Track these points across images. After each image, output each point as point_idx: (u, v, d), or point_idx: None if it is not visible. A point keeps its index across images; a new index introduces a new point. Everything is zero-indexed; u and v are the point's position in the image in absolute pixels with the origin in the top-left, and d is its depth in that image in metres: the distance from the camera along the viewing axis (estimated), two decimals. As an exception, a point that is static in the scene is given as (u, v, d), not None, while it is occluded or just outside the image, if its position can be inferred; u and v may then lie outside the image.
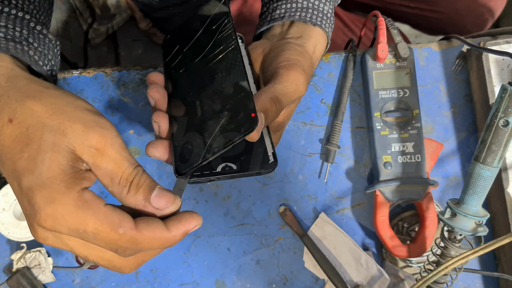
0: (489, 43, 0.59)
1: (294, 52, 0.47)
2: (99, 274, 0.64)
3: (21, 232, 0.60)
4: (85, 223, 0.34)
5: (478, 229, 0.52)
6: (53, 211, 0.33)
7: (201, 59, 0.47)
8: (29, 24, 0.48)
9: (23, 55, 0.45)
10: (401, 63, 0.61)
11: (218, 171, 0.43)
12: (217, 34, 0.47)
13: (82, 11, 1.20)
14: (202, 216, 0.64)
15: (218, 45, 0.46)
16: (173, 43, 0.51)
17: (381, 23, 0.60)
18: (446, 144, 0.63)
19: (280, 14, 0.53)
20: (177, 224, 0.37)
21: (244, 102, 0.41)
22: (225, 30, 0.47)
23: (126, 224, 0.34)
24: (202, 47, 0.48)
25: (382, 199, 0.60)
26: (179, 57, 0.49)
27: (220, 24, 0.48)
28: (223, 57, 0.45)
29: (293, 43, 0.50)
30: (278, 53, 0.47)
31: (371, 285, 0.61)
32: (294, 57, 0.46)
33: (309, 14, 0.52)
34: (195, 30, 0.50)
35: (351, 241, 0.62)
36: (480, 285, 0.63)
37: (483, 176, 0.51)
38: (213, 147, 0.40)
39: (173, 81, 0.47)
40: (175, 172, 0.41)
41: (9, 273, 0.64)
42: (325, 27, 0.53)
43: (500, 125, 0.49)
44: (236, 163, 0.44)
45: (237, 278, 0.64)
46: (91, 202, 0.34)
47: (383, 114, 0.60)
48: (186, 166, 0.40)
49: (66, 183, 0.34)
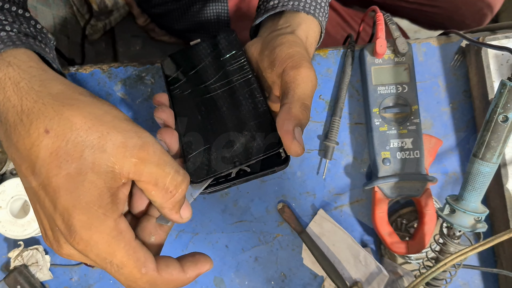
0: (488, 38, 0.59)
1: (289, 44, 0.46)
2: (96, 272, 0.64)
3: (18, 230, 0.60)
4: (114, 255, 0.34)
5: (477, 225, 0.51)
6: (88, 237, 0.33)
7: (213, 81, 0.49)
8: (30, 21, 0.46)
9: (44, 52, 0.43)
10: (399, 59, 0.61)
11: (233, 177, 0.44)
12: (231, 63, 0.50)
13: (80, 7, 1.19)
14: (200, 213, 0.64)
15: (233, 72, 0.49)
16: (178, 64, 0.52)
17: (380, 18, 0.60)
18: (445, 140, 0.63)
19: (273, 5, 0.53)
20: (193, 267, 0.38)
21: (264, 117, 0.44)
22: (238, 59, 0.50)
23: (150, 264, 0.35)
24: (213, 71, 0.50)
25: (381, 196, 0.60)
26: (187, 78, 0.50)
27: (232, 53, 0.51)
28: (240, 84, 0.48)
29: (284, 33, 0.49)
30: (273, 49, 0.46)
31: (370, 281, 0.61)
32: (293, 50, 0.45)
33: (302, 2, 0.52)
34: (204, 55, 0.52)
35: (349, 237, 0.62)
36: (479, 281, 0.63)
37: (482, 172, 0.50)
38: (234, 160, 0.42)
39: (183, 99, 0.48)
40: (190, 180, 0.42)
41: (6, 271, 0.63)
42: (318, 15, 0.52)
43: (499, 120, 0.48)
44: (249, 165, 0.44)
45: (235, 275, 0.64)
46: (124, 234, 0.35)
47: (381, 110, 0.60)
48: (202, 175, 0.42)
49: (104, 209, 0.34)
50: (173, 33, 1.17)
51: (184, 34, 1.13)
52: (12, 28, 0.41)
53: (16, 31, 0.41)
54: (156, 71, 0.64)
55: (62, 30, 1.14)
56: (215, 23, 1.02)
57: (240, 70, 0.49)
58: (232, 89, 0.47)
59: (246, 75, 0.48)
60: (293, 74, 0.43)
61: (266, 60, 0.47)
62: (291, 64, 0.44)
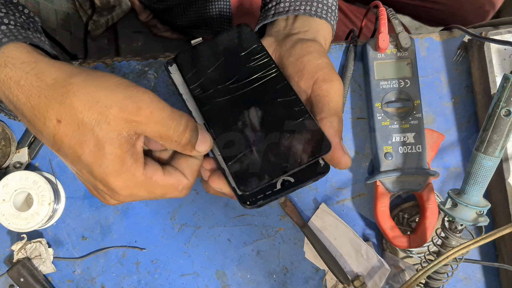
0: (491, 33, 0.59)
1: (318, 54, 0.47)
2: (99, 265, 0.64)
3: (21, 223, 0.60)
4: (154, 193, 0.41)
5: (479, 219, 0.52)
6: (129, 193, 0.40)
7: (238, 79, 0.46)
8: (18, 7, 0.47)
9: (40, 42, 0.45)
10: (402, 53, 0.61)
11: (279, 188, 0.43)
12: (253, 59, 0.47)
13: (82, 3, 1.19)
14: (202, 207, 0.64)
15: (258, 69, 0.46)
16: (193, 61, 0.49)
17: (382, 13, 0.60)
18: (447, 135, 0.63)
19: (284, 8, 0.53)
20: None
21: (304, 117, 0.42)
22: (260, 54, 0.47)
23: (183, 181, 0.42)
24: (235, 67, 0.47)
25: (383, 190, 0.60)
26: (208, 77, 0.47)
27: (251, 48, 0.48)
28: (269, 81, 0.46)
29: (306, 40, 0.49)
30: (300, 57, 0.47)
31: (372, 275, 0.61)
32: (323, 61, 0.46)
33: (314, 7, 0.52)
34: (223, 52, 0.49)
35: (351, 231, 0.62)
36: (480, 275, 0.63)
37: (484, 166, 0.51)
38: (284, 165, 0.41)
39: (210, 100, 0.46)
40: (241, 202, 0.42)
41: (9, 264, 0.64)
42: (330, 19, 0.53)
43: (502, 114, 0.49)
44: (292, 176, 0.43)
45: (238, 268, 0.64)
46: (155, 177, 0.41)
47: (384, 104, 0.60)
48: (250, 187, 0.40)
49: (131, 169, 0.39)
50: (176, 29, 1.17)
51: (186, 30, 1.13)
52: (9, 21, 0.43)
53: (13, 24, 0.43)
54: (159, 66, 0.64)
55: (64, 25, 1.14)
56: (217, 19, 1.02)
57: (265, 66, 0.46)
58: (262, 87, 0.45)
59: (272, 72, 0.46)
60: (326, 87, 0.45)
61: (291, 67, 0.48)
62: (322, 77, 0.45)
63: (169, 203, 0.64)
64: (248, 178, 0.41)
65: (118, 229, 0.64)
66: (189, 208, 0.64)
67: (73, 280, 0.64)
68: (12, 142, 0.62)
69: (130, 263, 0.64)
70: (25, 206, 0.62)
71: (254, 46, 0.48)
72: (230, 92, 0.45)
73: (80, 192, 0.64)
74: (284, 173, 0.40)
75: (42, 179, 0.60)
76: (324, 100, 0.44)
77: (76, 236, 0.64)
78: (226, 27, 1.02)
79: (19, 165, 0.63)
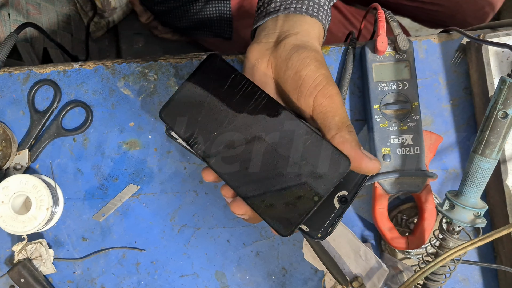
0: (489, 36, 0.59)
1: (315, 67, 0.47)
2: (99, 266, 0.64)
3: (19, 226, 0.60)
4: None
5: (477, 220, 0.52)
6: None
7: (232, 117, 0.45)
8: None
9: None
10: (400, 56, 0.61)
11: (339, 207, 0.44)
12: (237, 91, 0.46)
13: (83, 5, 1.20)
14: (202, 208, 0.64)
15: (247, 100, 0.45)
16: (180, 113, 0.47)
17: (381, 15, 0.60)
18: (445, 137, 0.63)
19: (275, 8, 0.52)
20: None
21: (319, 144, 0.42)
22: (241, 83, 0.46)
23: None
24: (226, 108, 0.46)
25: (381, 191, 0.60)
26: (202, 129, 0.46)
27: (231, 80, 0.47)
28: (263, 109, 0.45)
29: (303, 49, 0.48)
30: (298, 72, 0.47)
31: (370, 276, 0.61)
32: (320, 74, 0.46)
33: (305, 5, 0.51)
34: (204, 95, 0.47)
35: (350, 233, 0.62)
36: (478, 276, 0.63)
37: (481, 168, 0.51)
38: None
39: (213, 151, 0.45)
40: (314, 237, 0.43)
41: (10, 264, 0.64)
42: (322, 18, 0.52)
43: (499, 116, 0.49)
44: (344, 190, 0.44)
45: (237, 269, 0.64)
46: None
47: (382, 106, 0.61)
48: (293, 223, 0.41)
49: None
50: (176, 31, 1.17)
51: (187, 32, 1.13)
52: None
53: None
54: (159, 67, 0.65)
55: (65, 27, 1.15)
56: (217, 21, 1.02)
57: (251, 94, 0.45)
58: (260, 119, 0.44)
59: (262, 98, 0.45)
60: (327, 103, 0.45)
61: (290, 82, 0.47)
62: (321, 93, 0.45)
63: (169, 204, 0.65)
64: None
65: (118, 230, 0.65)
66: (188, 209, 0.65)
67: (73, 281, 0.65)
68: (13, 144, 0.63)
69: (130, 264, 0.65)
70: (23, 209, 0.62)
71: (233, 76, 0.47)
72: (230, 136, 0.45)
73: (80, 193, 0.65)
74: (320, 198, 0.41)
75: (42, 183, 0.60)
76: (329, 116, 0.45)
77: (76, 237, 0.65)
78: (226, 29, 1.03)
79: (19, 167, 0.64)
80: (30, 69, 0.65)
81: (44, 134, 0.64)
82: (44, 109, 0.64)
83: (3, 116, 0.65)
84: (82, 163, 0.65)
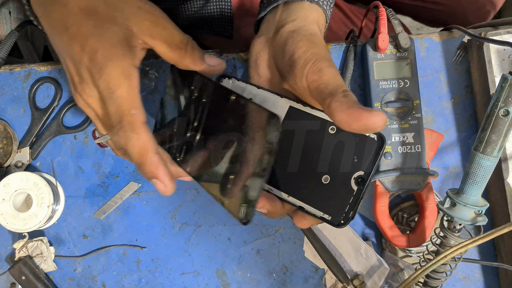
0: (490, 33, 0.59)
1: (306, 48, 0.44)
2: (100, 263, 0.64)
3: (19, 223, 0.60)
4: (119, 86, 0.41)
5: (478, 218, 0.52)
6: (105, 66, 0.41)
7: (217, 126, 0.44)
8: None
9: None
10: (401, 54, 0.61)
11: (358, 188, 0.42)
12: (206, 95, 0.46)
13: (84, 3, 1.20)
14: (202, 206, 0.64)
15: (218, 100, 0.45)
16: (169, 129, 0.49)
17: (382, 13, 0.60)
18: (446, 135, 0.63)
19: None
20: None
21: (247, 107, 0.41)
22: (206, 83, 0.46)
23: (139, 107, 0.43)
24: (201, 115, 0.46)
25: (382, 189, 0.60)
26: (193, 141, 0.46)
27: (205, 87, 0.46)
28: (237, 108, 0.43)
29: (297, 33, 0.46)
30: (291, 56, 0.45)
31: (371, 274, 0.61)
32: (310, 54, 0.43)
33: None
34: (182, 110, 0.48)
35: (350, 231, 0.62)
36: (479, 275, 0.63)
37: (482, 166, 0.51)
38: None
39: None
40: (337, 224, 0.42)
41: (11, 262, 0.64)
42: (322, 4, 0.50)
43: (500, 114, 0.49)
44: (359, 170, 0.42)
45: (238, 267, 0.64)
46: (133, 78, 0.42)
47: (383, 104, 0.61)
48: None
49: (123, 51, 0.42)
50: (177, 29, 1.17)
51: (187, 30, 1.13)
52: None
53: None
54: (160, 65, 0.65)
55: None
56: (218, 19, 1.02)
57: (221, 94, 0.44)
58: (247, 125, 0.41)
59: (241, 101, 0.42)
60: (317, 78, 0.42)
61: (287, 69, 0.46)
62: (311, 70, 0.42)
63: (169, 202, 0.65)
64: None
65: (118, 228, 0.65)
66: (189, 207, 0.65)
67: (74, 278, 0.65)
68: (14, 141, 0.63)
69: (130, 262, 0.65)
70: (24, 207, 0.62)
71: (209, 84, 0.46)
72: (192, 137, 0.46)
73: (81, 191, 0.65)
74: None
75: (43, 181, 0.60)
76: (321, 89, 0.41)
77: (77, 234, 0.65)
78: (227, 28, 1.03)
79: (20, 164, 0.64)
80: (31, 67, 0.65)
81: (45, 132, 0.64)
82: (45, 106, 0.64)
83: (4, 114, 0.65)
84: (83, 161, 0.65)
